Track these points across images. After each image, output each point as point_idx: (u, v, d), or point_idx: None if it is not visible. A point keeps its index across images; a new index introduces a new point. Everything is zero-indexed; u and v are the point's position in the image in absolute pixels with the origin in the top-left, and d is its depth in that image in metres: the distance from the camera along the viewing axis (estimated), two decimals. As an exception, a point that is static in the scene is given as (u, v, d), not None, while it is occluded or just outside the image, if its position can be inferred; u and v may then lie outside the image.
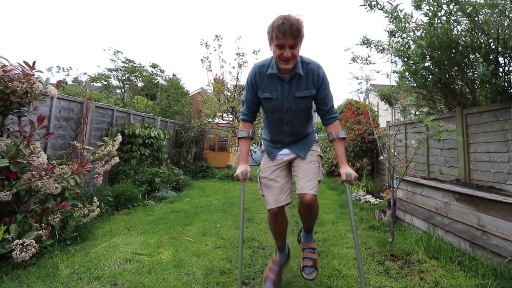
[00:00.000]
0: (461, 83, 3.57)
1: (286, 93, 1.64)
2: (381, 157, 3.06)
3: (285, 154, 1.78)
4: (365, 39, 3.70)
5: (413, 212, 2.95)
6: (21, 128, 2.38)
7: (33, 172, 2.29)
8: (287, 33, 1.41)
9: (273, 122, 1.77)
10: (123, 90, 9.87)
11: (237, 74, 8.08)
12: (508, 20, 2.67)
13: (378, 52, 3.67)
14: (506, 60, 2.90)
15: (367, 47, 3.71)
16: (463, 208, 2.28)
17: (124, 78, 9.61)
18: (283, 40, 1.45)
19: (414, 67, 3.38)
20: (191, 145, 8.36)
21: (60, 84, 8.25)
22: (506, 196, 2.06)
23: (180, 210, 3.90)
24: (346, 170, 1.64)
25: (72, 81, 10.00)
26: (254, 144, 8.40)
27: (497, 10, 2.59)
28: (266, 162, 1.81)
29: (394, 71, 3.94)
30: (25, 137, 2.32)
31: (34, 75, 2.49)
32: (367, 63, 3.00)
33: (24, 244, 2.00)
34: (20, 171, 2.30)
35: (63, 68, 10.24)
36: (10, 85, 2.26)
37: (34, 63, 2.50)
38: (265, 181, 1.75)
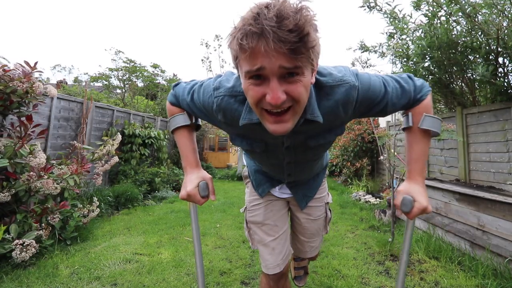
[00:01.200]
0: (461, 83, 3.57)
1: (287, 143, 0.88)
2: (381, 157, 3.07)
3: (283, 192, 1.20)
4: (363, 44, 3.71)
5: (413, 212, 2.95)
6: (15, 129, 2.37)
7: (31, 173, 2.29)
8: (267, 36, 0.54)
9: (266, 167, 1.12)
10: (123, 90, 9.90)
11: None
12: (507, 20, 2.67)
13: (378, 57, 3.69)
14: (506, 60, 2.90)
15: (365, 51, 3.72)
16: (463, 208, 2.28)
17: (124, 78, 9.64)
18: (261, 59, 0.57)
19: (414, 67, 3.39)
20: (191, 145, 8.36)
21: (60, 84, 8.27)
22: (506, 196, 2.05)
23: (180, 210, 3.90)
24: (409, 189, 0.82)
25: (73, 81, 10.04)
26: None
27: (495, 10, 2.60)
28: (255, 197, 1.19)
29: (394, 73, 3.95)
30: (19, 138, 2.31)
31: (34, 74, 2.50)
32: (367, 66, 3.01)
33: (24, 244, 2.00)
34: (20, 171, 2.30)
35: (64, 68, 10.28)
36: (10, 85, 2.27)
37: (36, 63, 2.50)
38: (257, 227, 1.16)
